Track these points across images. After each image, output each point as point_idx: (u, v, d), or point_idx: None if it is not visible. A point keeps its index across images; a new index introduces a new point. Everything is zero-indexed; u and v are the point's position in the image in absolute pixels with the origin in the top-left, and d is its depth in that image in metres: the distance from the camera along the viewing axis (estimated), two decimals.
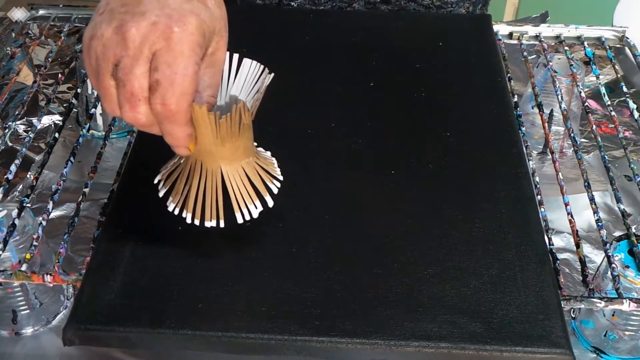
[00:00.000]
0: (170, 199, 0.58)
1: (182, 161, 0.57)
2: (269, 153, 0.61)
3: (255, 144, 0.60)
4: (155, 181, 0.59)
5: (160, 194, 0.58)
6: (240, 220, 0.56)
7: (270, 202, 0.57)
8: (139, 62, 0.48)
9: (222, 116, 0.52)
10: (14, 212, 0.64)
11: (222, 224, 0.56)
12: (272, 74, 0.56)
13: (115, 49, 0.48)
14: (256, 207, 0.57)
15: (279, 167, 0.62)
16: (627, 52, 0.87)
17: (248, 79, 0.58)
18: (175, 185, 0.57)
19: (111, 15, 0.49)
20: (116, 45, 0.48)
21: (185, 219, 0.57)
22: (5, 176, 0.68)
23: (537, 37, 0.89)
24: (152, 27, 0.48)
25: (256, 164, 0.57)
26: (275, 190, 0.58)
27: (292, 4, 0.93)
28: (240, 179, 0.56)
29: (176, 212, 0.57)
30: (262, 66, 0.57)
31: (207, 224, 0.56)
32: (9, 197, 0.81)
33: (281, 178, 0.59)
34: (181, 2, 0.50)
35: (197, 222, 0.56)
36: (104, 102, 0.50)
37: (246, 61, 0.58)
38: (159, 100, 0.48)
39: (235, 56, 0.58)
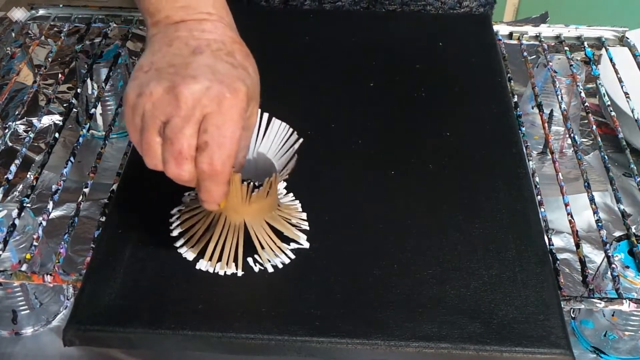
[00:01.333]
0: (185, 245, 0.58)
1: (201, 209, 0.58)
2: (291, 197, 0.63)
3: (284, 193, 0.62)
4: (172, 220, 0.60)
5: (174, 233, 0.59)
6: (270, 270, 0.57)
7: (306, 244, 0.59)
8: (189, 123, 0.50)
9: (250, 181, 0.55)
10: (14, 212, 0.64)
11: (239, 273, 0.57)
12: (301, 139, 0.59)
13: (166, 108, 0.50)
14: (282, 259, 0.58)
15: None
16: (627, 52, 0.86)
17: (276, 139, 0.61)
18: (192, 231, 0.59)
19: (159, 74, 0.51)
20: (167, 104, 0.50)
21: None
22: (5, 176, 0.68)
23: (537, 37, 0.88)
24: (206, 91, 0.50)
25: (280, 216, 0.59)
26: (304, 238, 0.59)
27: (306, 4, 0.93)
28: (265, 232, 0.58)
29: (189, 256, 0.58)
30: (290, 129, 0.60)
31: (221, 272, 0.57)
32: (9, 197, 0.81)
33: (304, 217, 0.61)
34: (229, 68, 0.52)
35: (210, 269, 0.57)
36: (146, 157, 0.52)
37: (275, 121, 0.61)
38: (206, 160, 0.50)
39: (265, 115, 0.60)
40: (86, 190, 0.67)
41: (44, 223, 0.64)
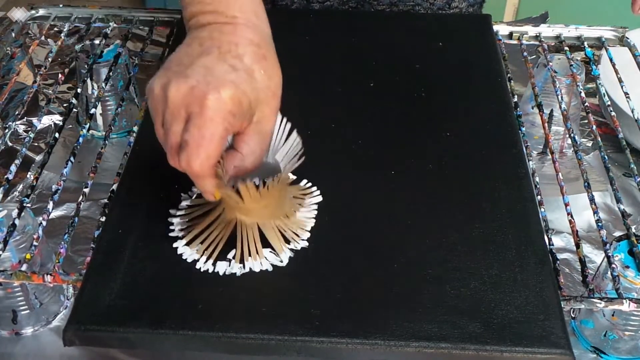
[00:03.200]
0: (186, 239, 0.59)
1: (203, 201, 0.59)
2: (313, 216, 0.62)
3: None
4: (174, 218, 0.61)
5: (175, 232, 0.60)
6: (237, 271, 0.57)
7: (285, 261, 0.58)
8: (176, 120, 0.52)
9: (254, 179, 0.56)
10: (14, 212, 0.64)
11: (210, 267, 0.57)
12: (303, 158, 0.60)
13: (161, 104, 0.53)
14: (260, 260, 0.58)
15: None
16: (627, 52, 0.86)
17: (291, 149, 0.61)
18: (194, 225, 0.59)
19: (165, 72, 0.54)
20: (161, 101, 0.53)
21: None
22: (5, 176, 0.68)
23: (537, 37, 0.88)
24: (190, 90, 0.51)
25: (279, 225, 0.59)
26: (287, 255, 0.59)
27: (295, 3, 0.93)
28: (251, 231, 0.57)
29: (188, 256, 0.58)
30: (301, 145, 0.61)
31: (196, 257, 0.57)
32: (9, 197, 0.81)
33: (305, 238, 0.60)
34: (226, 71, 0.53)
35: (210, 266, 0.57)
36: (163, 145, 0.55)
37: (293, 134, 0.61)
38: (184, 159, 0.52)
39: (288, 125, 0.61)
40: (86, 190, 0.67)
41: (44, 223, 0.64)
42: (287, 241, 0.59)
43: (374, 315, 0.54)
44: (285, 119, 0.61)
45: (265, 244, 0.58)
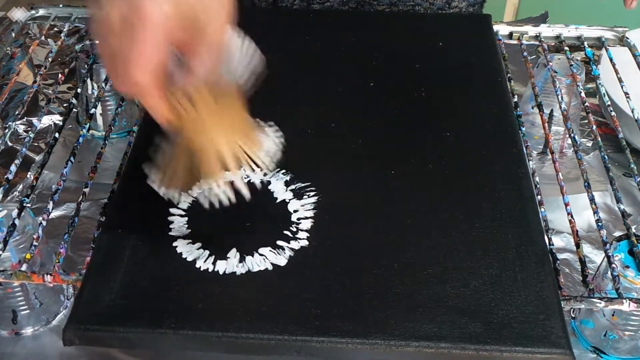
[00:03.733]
0: (153, 176, 0.58)
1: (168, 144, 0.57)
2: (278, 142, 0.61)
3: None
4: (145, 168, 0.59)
5: (150, 178, 0.59)
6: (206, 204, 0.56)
7: (247, 196, 0.57)
8: (116, 35, 0.51)
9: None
10: (14, 212, 0.64)
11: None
12: (264, 59, 0.58)
13: (103, 25, 0.52)
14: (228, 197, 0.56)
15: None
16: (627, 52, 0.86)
17: (245, 57, 0.59)
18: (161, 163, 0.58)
19: None
20: (103, 21, 0.51)
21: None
22: (5, 176, 0.68)
23: (537, 37, 0.88)
24: (127, 3, 0.50)
25: (243, 146, 0.57)
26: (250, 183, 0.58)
27: (295, 4, 0.93)
28: (210, 150, 0.55)
29: (162, 191, 0.57)
30: (253, 45, 0.59)
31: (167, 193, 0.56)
32: (9, 197, 0.81)
33: (268, 164, 0.58)
34: None
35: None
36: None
37: (257, 54, 0.60)
38: (125, 72, 0.51)
39: (252, 45, 0.59)
40: (86, 190, 0.67)
41: (44, 223, 0.64)
42: (253, 163, 0.57)
43: (374, 315, 0.54)
44: (248, 40, 0.59)
45: (264, 241, 0.58)
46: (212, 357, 0.57)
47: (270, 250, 0.58)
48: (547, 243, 0.61)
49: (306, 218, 0.61)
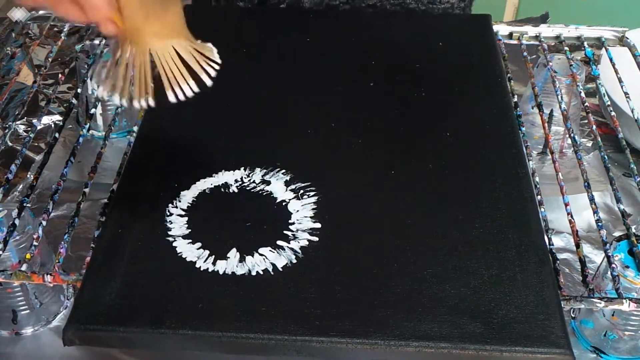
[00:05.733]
0: (100, 85, 0.56)
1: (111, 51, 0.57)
2: (209, 44, 0.60)
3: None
4: (89, 74, 0.58)
5: (94, 86, 0.57)
6: (172, 100, 0.55)
7: (209, 82, 0.56)
8: None
9: None
10: (14, 212, 0.64)
11: (152, 103, 0.55)
12: None
13: None
14: (191, 88, 0.56)
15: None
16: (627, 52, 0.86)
17: None
18: (105, 70, 0.57)
19: None
20: None
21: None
22: (5, 176, 0.68)
23: (537, 37, 0.88)
24: None
25: (191, 47, 0.57)
26: (213, 73, 0.57)
27: (284, 1, 0.93)
28: (171, 57, 0.55)
29: (105, 96, 0.56)
30: None
31: (136, 104, 0.55)
32: (9, 197, 0.81)
33: (219, 61, 0.58)
34: None
35: (124, 102, 0.56)
36: None
37: None
38: None
39: None
40: (86, 190, 0.67)
41: (44, 223, 0.64)
42: (196, 69, 0.56)
43: (374, 315, 0.54)
44: None
45: (264, 241, 0.58)
46: (212, 357, 0.57)
47: (270, 250, 0.59)
48: (547, 243, 0.61)
49: (306, 218, 0.61)
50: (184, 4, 0.58)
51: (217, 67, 0.58)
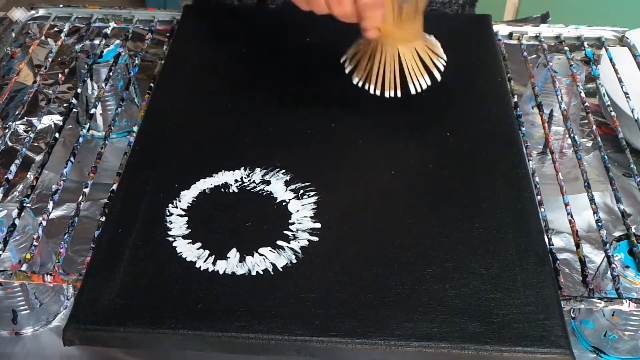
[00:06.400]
0: (355, 73, 0.71)
1: (361, 46, 0.71)
2: (432, 37, 0.73)
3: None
4: (342, 60, 0.73)
5: (347, 71, 0.72)
6: (413, 91, 0.70)
7: (439, 77, 0.71)
8: None
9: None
10: (14, 212, 0.64)
11: (399, 94, 0.70)
12: None
13: None
14: (425, 81, 0.70)
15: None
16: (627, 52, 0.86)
17: None
18: (359, 63, 0.71)
19: None
20: None
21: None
22: (5, 176, 0.68)
23: (537, 37, 0.89)
24: None
25: (425, 47, 0.70)
26: (442, 67, 0.71)
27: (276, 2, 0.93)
28: (412, 57, 0.69)
29: (360, 84, 0.70)
30: None
31: (387, 93, 0.70)
32: (9, 197, 0.81)
33: (444, 56, 0.72)
34: None
35: (377, 92, 0.70)
36: (314, 5, 0.66)
37: None
38: None
39: None
40: (86, 190, 0.67)
41: (44, 223, 0.64)
42: (429, 66, 0.70)
43: (374, 315, 0.54)
44: None
45: (264, 241, 0.58)
46: (212, 357, 0.57)
47: (270, 250, 0.59)
48: (547, 243, 0.62)
49: (306, 218, 0.61)
50: (184, 3, 0.60)
51: (444, 62, 0.72)
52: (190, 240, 0.60)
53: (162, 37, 1.01)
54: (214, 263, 0.58)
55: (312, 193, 0.64)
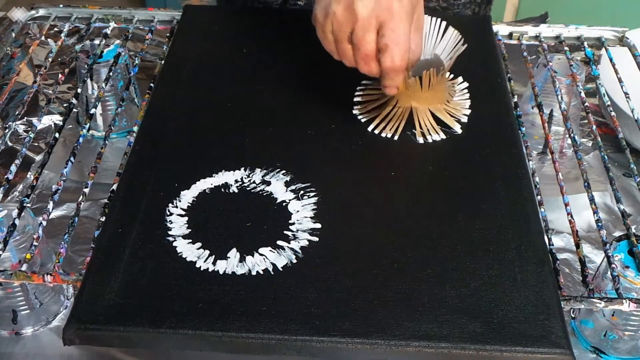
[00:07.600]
0: (360, 112, 0.73)
1: (374, 97, 0.73)
2: (464, 87, 0.76)
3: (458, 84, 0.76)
4: (357, 93, 0.75)
5: (361, 118, 0.73)
6: (421, 141, 0.70)
7: (458, 130, 0.71)
8: (368, 31, 0.63)
9: (421, 70, 0.68)
10: (14, 212, 0.64)
11: (396, 137, 0.70)
12: (466, 45, 0.72)
13: (348, 22, 0.64)
14: (439, 136, 0.71)
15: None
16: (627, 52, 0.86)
17: (449, 43, 0.74)
18: (369, 104, 0.73)
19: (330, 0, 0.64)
20: (348, 19, 0.64)
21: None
22: (5, 176, 0.68)
23: (537, 37, 0.89)
24: (377, 3, 0.63)
25: (444, 107, 0.72)
26: (464, 119, 0.72)
27: (299, 3, 0.93)
28: (425, 115, 0.71)
29: (376, 131, 0.71)
30: (460, 35, 0.74)
31: (382, 134, 0.71)
32: (9, 197, 0.81)
33: (467, 112, 0.73)
34: None
35: (380, 132, 0.71)
36: (343, 59, 0.68)
37: (450, 29, 0.75)
38: (388, 59, 0.64)
39: (443, 23, 0.75)
40: (86, 190, 0.67)
41: (44, 223, 0.64)
42: (448, 121, 0.71)
43: (374, 315, 0.54)
44: (438, 19, 0.75)
45: (264, 241, 0.58)
46: (212, 357, 0.57)
47: (270, 250, 0.59)
48: (547, 243, 0.62)
49: (306, 218, 0.61)
50: (184, 3, 0.60)
51: (467, 114, 0.73)
52: (190, 240, 0.60)
53: (162, 37, 1.01)
54: (214, 263, 0.58)
55: (312, 193, 0.64)
